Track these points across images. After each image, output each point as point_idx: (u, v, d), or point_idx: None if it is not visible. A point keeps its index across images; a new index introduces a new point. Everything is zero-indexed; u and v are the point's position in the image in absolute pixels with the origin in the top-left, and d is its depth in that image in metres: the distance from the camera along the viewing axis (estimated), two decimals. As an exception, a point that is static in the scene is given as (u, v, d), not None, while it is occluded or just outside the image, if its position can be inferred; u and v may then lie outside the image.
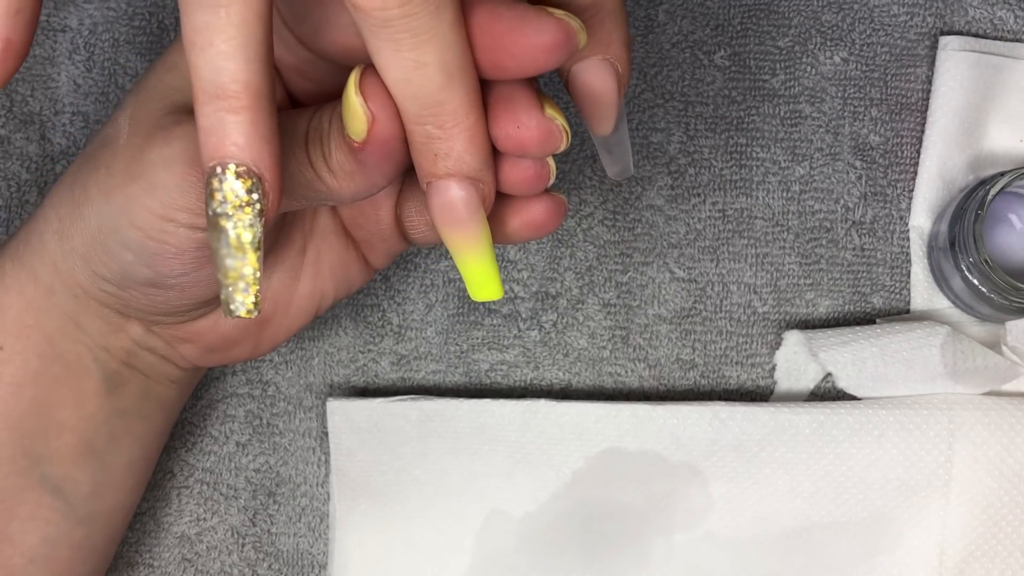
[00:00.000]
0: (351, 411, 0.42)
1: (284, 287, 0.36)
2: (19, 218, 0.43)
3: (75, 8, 0.44)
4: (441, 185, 0.28)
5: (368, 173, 0.29)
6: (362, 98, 0.27)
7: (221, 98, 0.25)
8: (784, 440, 0.40)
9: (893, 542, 0.40)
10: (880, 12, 0.44)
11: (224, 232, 0.26)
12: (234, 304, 0.26)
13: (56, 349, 0.35)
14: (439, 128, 0.27)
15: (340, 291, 0.38)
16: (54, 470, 0.35)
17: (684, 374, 0.43)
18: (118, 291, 0.34)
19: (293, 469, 0.43)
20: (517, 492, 0.41)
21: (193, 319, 0.36)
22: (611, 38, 0.28)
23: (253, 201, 0.26)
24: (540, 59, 0.27)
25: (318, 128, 0.29)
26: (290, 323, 0.37)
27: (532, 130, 0.28)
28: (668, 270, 0.43)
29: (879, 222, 0.43)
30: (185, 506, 0.43)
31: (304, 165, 0.29)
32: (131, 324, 0.36)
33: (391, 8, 0.24)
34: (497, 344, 0.43)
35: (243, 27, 0.25)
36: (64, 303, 0.34)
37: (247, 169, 0.25)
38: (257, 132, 0.25)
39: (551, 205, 0.32)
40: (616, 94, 0.29)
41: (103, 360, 0.36)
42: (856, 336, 0.41)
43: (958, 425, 0.40)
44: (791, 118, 0.43)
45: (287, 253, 0.36)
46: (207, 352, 0.37)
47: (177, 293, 0.33)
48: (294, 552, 0.43)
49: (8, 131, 0.44)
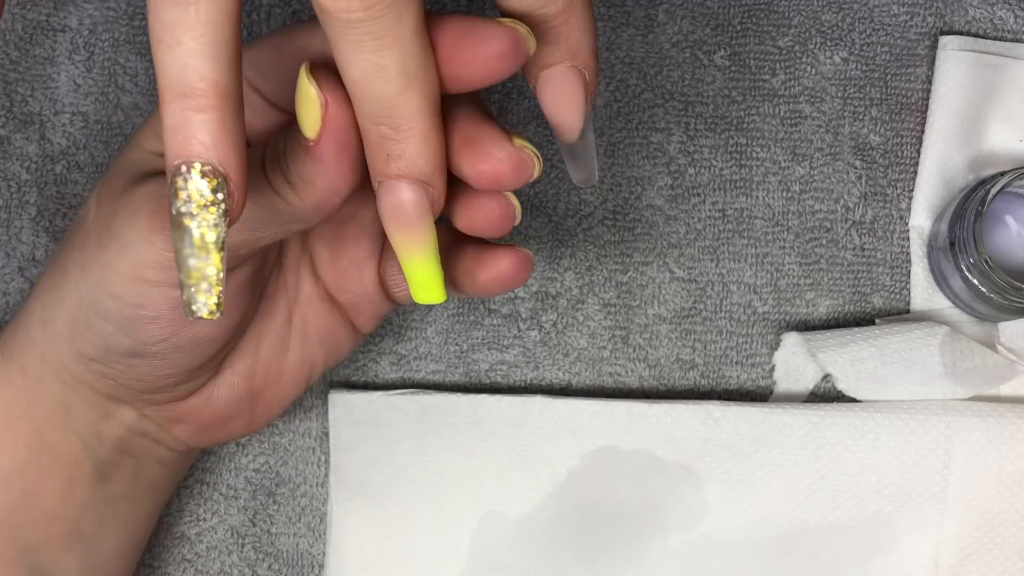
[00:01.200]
0: (352, 404, 0.42)
1: (274, 358, 0.37)
2: (19, 219, 0.43)
3: (75, 8, 0.44)
4: (392, 185, 0.28)
5: (325, 173, 0.29)
6: (315, 83, 0.27)
7: (188, 96, 0.25)
8: (778, 441, 0.40)
9: (888, 545, 0.40)
10: (880, 12, 0.44)
11: (188, 231, 0.26)
12: (196, 305, 0.26)
13: (45, 440, 0.35)
14: (394, 130, 0.27)
15: (330, 358, 0.38)
16: (43, 559, 0.35)
17: (684, 374, 0.43)
18: (103, 368, 0.34)
19: (293, 469, 0.43)
20: (513, 492, 0.41)
21: (184, 396, 0.36)
22: (579, 45, 0.28)
23: (218, 201, 0.26)
24: (491, 67, 0.27)
25: (272, 150, 0.30)
26: (282, 394, 0.37)
27: (504, 162, 0.29)
28: (668, 270, 0.43)
29: (879, 222, 0.43)
30: (185, 506, 0.43)
31: (264, 190, 0.29)
32: (123, 409, 0.35)
33: (355, 11, 0.25)
34: (497, 344, 0.43)
35: (212, 25, 0.25)
36: (53, 392, 0.34)
37: (213, 168, 0.25)
38: (224, 131, 0.25)
39: (517, 260, 0.33)
40: (583, 101, 0.29)
41: (94, 448, 0.35)
42: (855, 337, 0.41)
43: (955, 431, 0.40)
44: (791, 118, 0.43)
45: (273, 324, 0.36)
46: (201, 431, 0.37)
47: (160, 362, 0.33)
48: (294, 552, 0.43)
49: (8, 131, 0.44)
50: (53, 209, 0.43)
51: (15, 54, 0.44)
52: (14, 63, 0.44)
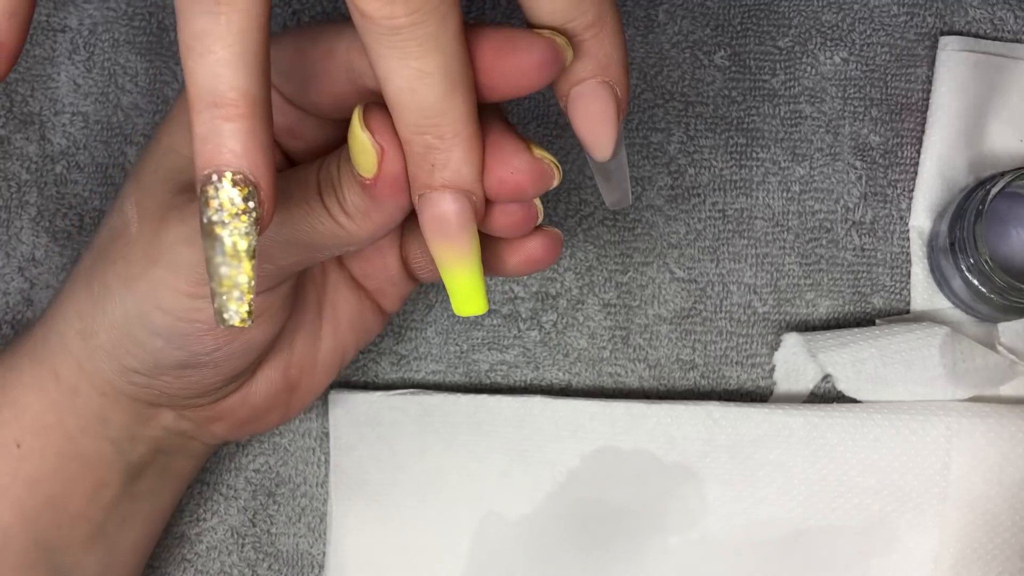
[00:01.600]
0: (352, 404, 0.42)
1: (308, 349, 0.37)
2: (19, 219, 0.43)
3: (75, 8, 0.44)
4: (435, 197, 0.28)
5: (383, 207, 0.29)
6: (368, 132, 0.27)
7: (218, 106, 0.25)
8: (778, 442, 0.40)
9: (888, 546, 0.40)
10: (880, 12, 0.44)
11: (220, 240, 0.26)
12: (228, 313, 0.26)
13: (77, 447, 0.35)
14: (439, 139, 0.27)
15: (360, 341, 0.38)
16: (64, 559, 0.35)
17: (684, 374, 0.43)
18: (149, 380, 0.34)
19: (293, 469, 0.43)
20: (513, 493, 0.41)
21: (224, 396, 0.36)
22: (610, 60, 0.28)
23: (249, 209, 0.26)
24: (531, 77, 0.27)
25: (328, 176, 0.30)
26: (316, 383, 0.38)
27: (526, 173, 0.29)
28: (668, 270, 0.43)
29: (879, 222, 0.43)
30: (184, 506, 0.43)
31: (322, 215, 0.29)
32: (161, 413, 0.36)
33: (399, 16, 0.25)
34: (497, 344, 0.43)
35: (242, 35, 0.25)
36: (90, 403, 0.34)
37: (244, 177, 0.25)
38: (254, 140, 0.25)
39: (547, 241, 0.33)
40: (616, 117, 0.29)
41: (126, 451, 0.36)
42: (855, 337, 0.41)
43: (955, 432, 0.40)
44: (791, 118, 0.43)
45: (305, 316, 0.37)
46: (239, 427, 0.37)
47: (211, 371, 0.33)
48: (294, 552, 0.43)
49: (8, 131, 0.44)
50: (53, 209, 0.43)
51: (15, 54, 0.44)
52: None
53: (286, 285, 0.33)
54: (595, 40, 0.28)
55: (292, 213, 0.30)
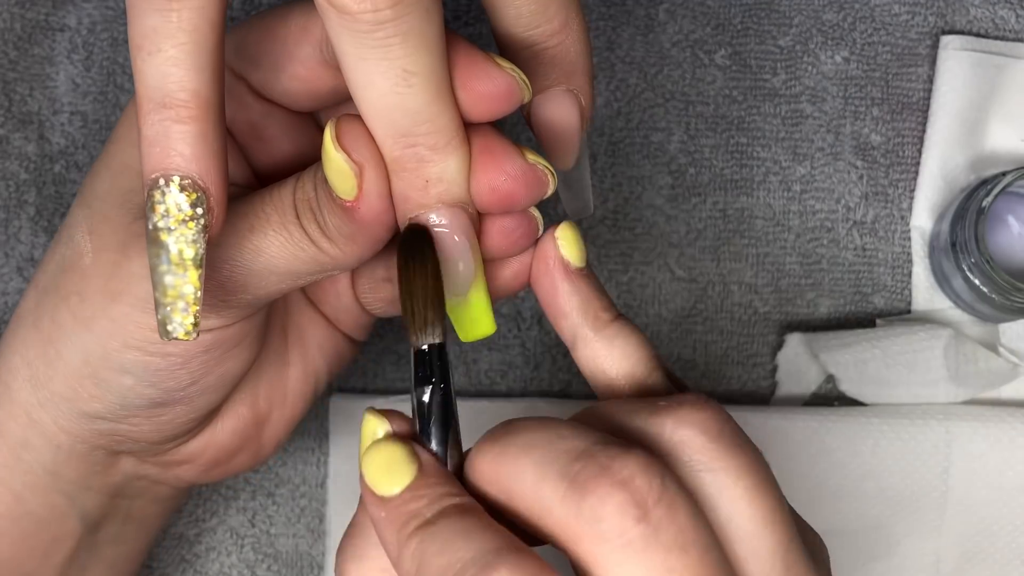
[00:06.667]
0: (353, 410, 0.42)
1: (275, 377, 0.34)
2: (17, 218, 0.43)
3: (74, 7, 0.44)
4: (433, 217, 0.26)
5: (369, 230, 0.27)
6: (344, 152, 0.25)
7: (167, 107, 0.24)
8: (777, 446, 0.40)
9: (888, 550, 0.40)
10: (881, 11, 0.43)
11: (165, 247, 0.25)
12: (171, 325, 0.25)
13: (25, 506, 0.32)
14: (431, 149, 0.25)
15: (333, 366, 0.35)
16: None
17: (684, 374, 0.43)
18: (114, 425, 0.31)
19: (292, 470, 0.43)
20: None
21: (186, 441, 0.33)
22: (575, 68, 0.27)
23: (197, 216, 0.24)
24: (482, 107, 0.25)
25: (304, 197, 0.27)
26: (288, 415, 0.34)
27: (519, 179, 0.26)
28: (668, 270, 0.43)
29: (880, 222, 0.43)
30: (184, 507, 0.43)
31: (302, 241, 0.27)
32: (121, 460, 0.33)
33: (382, 8, 0.23)
34: (497, 344, 0.43)
35: (194, 33, 0.24)
36: (40, 457, 0.31)
37: (192, 182, 0.24)
38: (204, 144, 0.24)
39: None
40: (578, 126, 0.28)
41: (82, 502, 0.33)
42: (858, 338, 0.41)
43: (955, 436, 0.40)
44: (792, 118, 0.43)
45: (271, 341, 0.33)
46: (208, 469, 0.34)
47: (184, 408, 0.31)
48: (293, 553, 0.43)
49: (6, 131, 0.44)
50: (52, 209, 0.43)
51: (14, 53, 0.44)
52: (13, 62, 0.44)
53: (263, 312, 0.31)
54: (560, 47, 0.27)
55: (270, 239, 0.27)
